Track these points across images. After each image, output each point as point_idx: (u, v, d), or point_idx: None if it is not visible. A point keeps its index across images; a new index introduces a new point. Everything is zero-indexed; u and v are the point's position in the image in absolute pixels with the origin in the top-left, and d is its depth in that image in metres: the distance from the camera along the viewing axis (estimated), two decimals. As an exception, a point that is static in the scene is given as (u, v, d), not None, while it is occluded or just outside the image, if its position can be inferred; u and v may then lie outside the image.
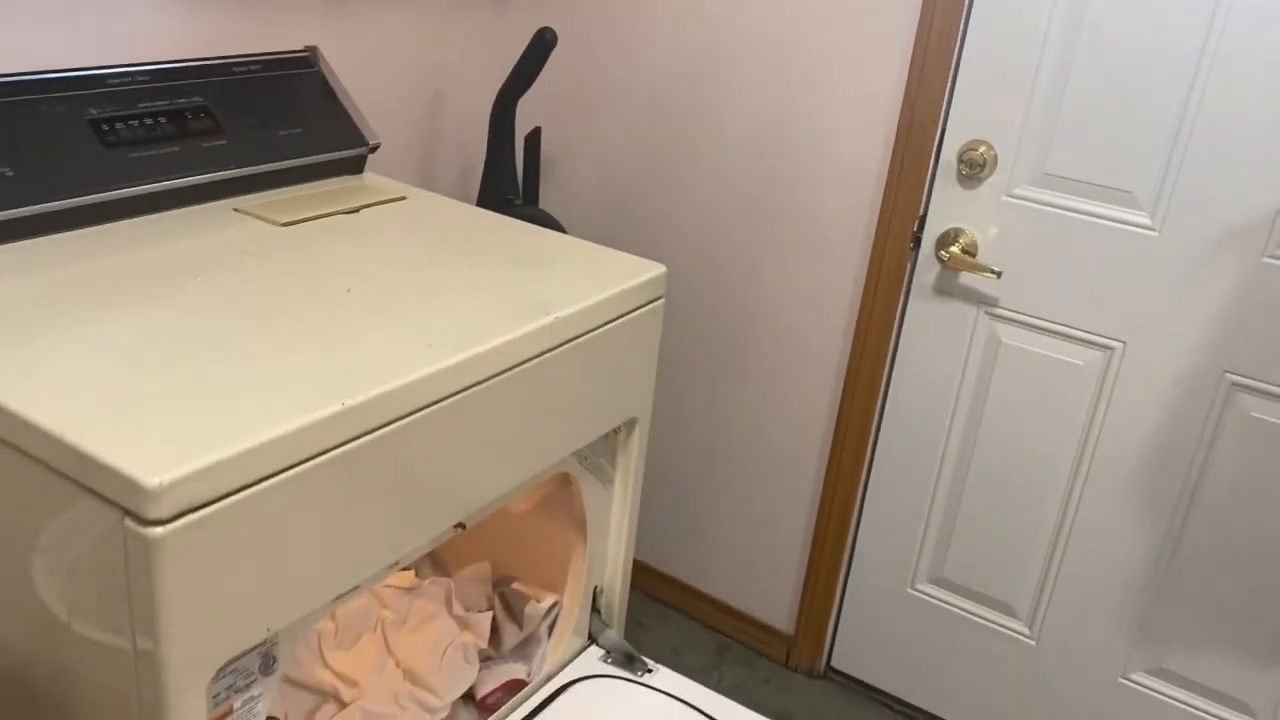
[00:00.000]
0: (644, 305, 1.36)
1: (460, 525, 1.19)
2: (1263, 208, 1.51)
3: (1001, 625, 1.92)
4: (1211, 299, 1.58)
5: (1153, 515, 1.72)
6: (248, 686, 0.98)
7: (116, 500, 0.83)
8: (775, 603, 2.18)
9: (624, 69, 2.03)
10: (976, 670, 1.97)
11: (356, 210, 1.46)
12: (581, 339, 1.25)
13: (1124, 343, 1.67)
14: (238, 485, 0.87)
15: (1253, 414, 1.60)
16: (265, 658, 0.99)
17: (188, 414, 0.90)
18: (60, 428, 0.86)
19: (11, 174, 1.18)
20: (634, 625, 2.26)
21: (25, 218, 1.19)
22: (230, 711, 0.98)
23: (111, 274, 1.15)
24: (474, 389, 1.10)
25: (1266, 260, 1.53)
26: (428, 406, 1.05)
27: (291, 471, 0.92)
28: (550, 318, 1.19)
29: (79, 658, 0.94)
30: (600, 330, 1.28)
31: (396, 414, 1.01)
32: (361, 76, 1.85)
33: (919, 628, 2.02)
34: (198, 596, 0.87)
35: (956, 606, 1.96)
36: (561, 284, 1.28)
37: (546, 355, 1.20)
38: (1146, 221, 1.61)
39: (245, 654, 0.96)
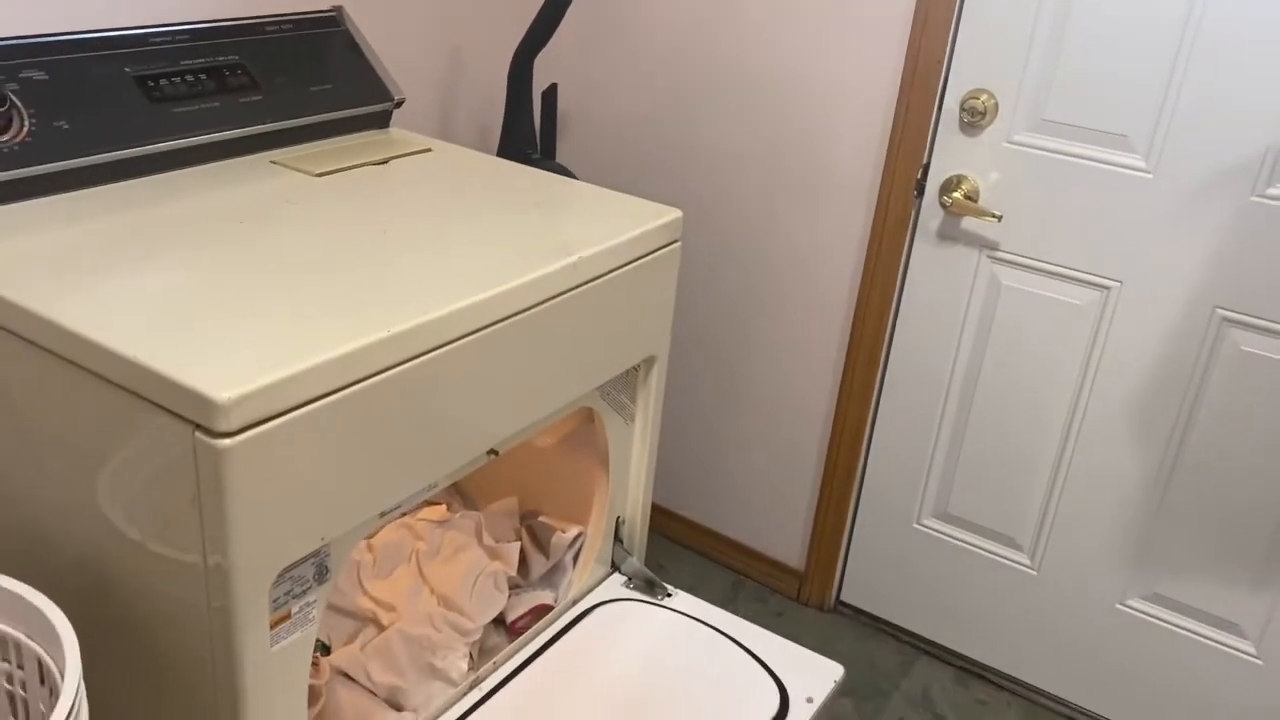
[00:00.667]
0: (661, 247, 1.44)
1: (493, 452, 1.27)
2: (1250, 149, 1.58)
3: (1004, 557, 2.01)
4: (1203, 238, 1.65)
5: (1148, 447, 1.80)
6: (304, 593, 1.07)
7: (189, 416, 0.91)
8: (787, 540, 2.27)
9: (638, 23, 2.09)
10: (980, 601, 2.06)
11: (386, 161, 1.53)
12: (603, 278, 1.33)
13: (1120, 282, 1.75)
14: (296, 403, 0.95)
15: (1242, 347, 1.67)
16: (319, 567, 1.08)
17: (250, 339, 0.98)
18: (136, 352, 0.94)
19: (67, 127, 1.26)
20: (653, 566, 2.35)
21: (82, 168, 1.27)
22: (289, 615, 1.07)
23: (165, 219, 1.23)
24: (506, 322, 1.18)
25: (1255, 199, 1.60)
26: (465, 337, 1.13)
27: (343, 392, 1.00)
28: (575, 257, 1.27)
29: (154, 571, 1.03)
30: (620, 270, 1.36)
31: (437, 343, 1.09)
32: (385, 34, 1.91)
33: (925, 561, 2.10)
34: (261, 505, 0.95)
35: (961, 540, 2.05)
36: (584, 227, 1.36)
37: (571, 293, 1.28)
38: (1141, 164, 1.67)
39: (302, 562, 1.05)
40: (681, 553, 2.41)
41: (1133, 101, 1.65)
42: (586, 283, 1.30)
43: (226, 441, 0.91)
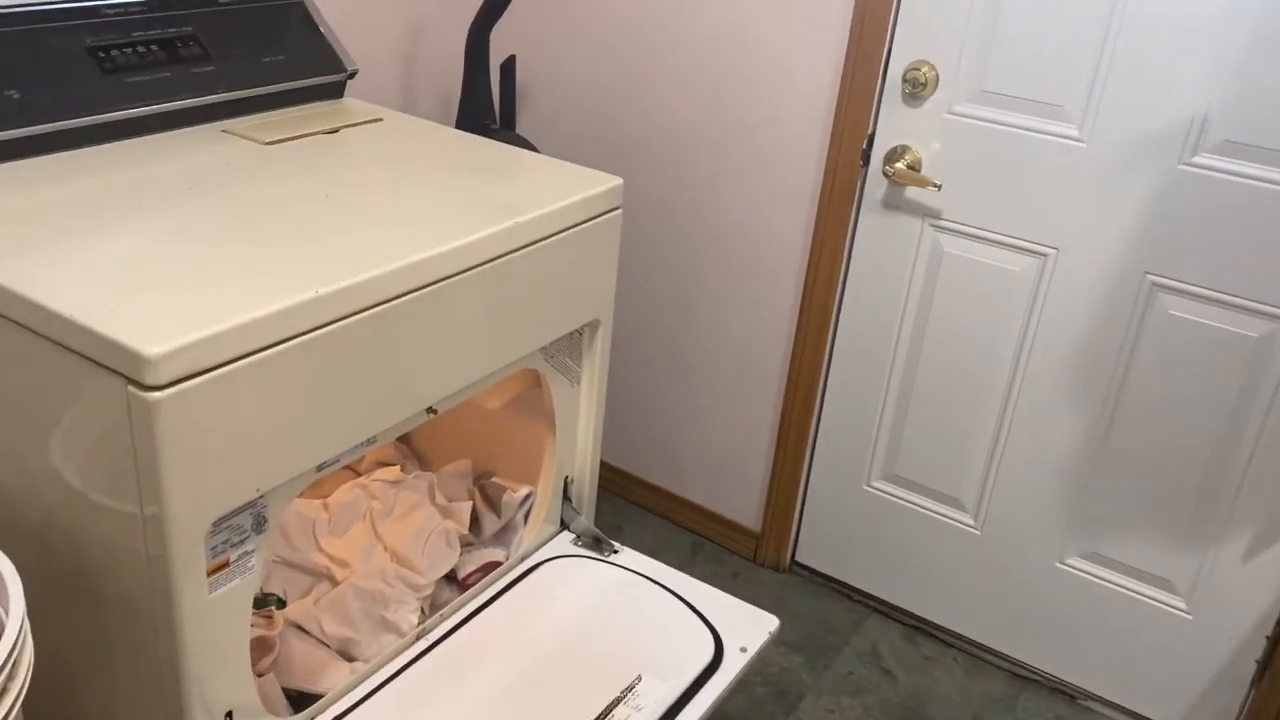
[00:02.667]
0: (602, 214, 1.48)
1: (432, 410, 1.33)
2: (1177, 118, 1.62)
3: (949, 517, 2.07)
4: (1134, 205, 1.70)
5: (1084, 410, 1.86)
6: (242, 542, 1.13)
7: (121, 370, 0.96)
8: (744, 503, 2.33)
9: (583, 3, 2.13)
10: (927, 560, 2.12)
11: (336, 130, 1.57)
12: (542, 243, 1.38)
13: (1056, 249, 1.80)
14: (225, 359, 1.00)
15: (1171, 311, 1.72)
16: (256, 517, 1.14)
17: (182, 298, 1.03)
18: (72, 311, 0.99)
19: (18, 96, 1.30)
20: (613, 529, 2.41)
21: (31, 137, 1.31)
22: (227, 564, 1.12)
23: (112, 186, 1.28)
24: (440, 284, 1.23)
25: (1182, 167, 1.65)
26: (399, 297, 1.18)
27: (274, 349, 1.05)
28: (512, 221, 1.32)
29: (97, 521, 1.08)
30: (560, 235, 1.41)
31: (368, 303, 1.14)
32: (343, 7, 1.95)
33: (875, 522, 2.16)
34: (193, 455, 1.00)
35: (908, 501, 2.11)
36: (524, 193, 1.40)
37: (509, 256, 1.33)
38: (1074, 134, 1.72)
39: (238, 512, 1.10)
40: (644, 516, 2.47)
41: (1066, 72, 1.69)
42: (525, 246, 1.35)
43: (156, 394, 0.96)
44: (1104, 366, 1.81)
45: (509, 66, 2.08)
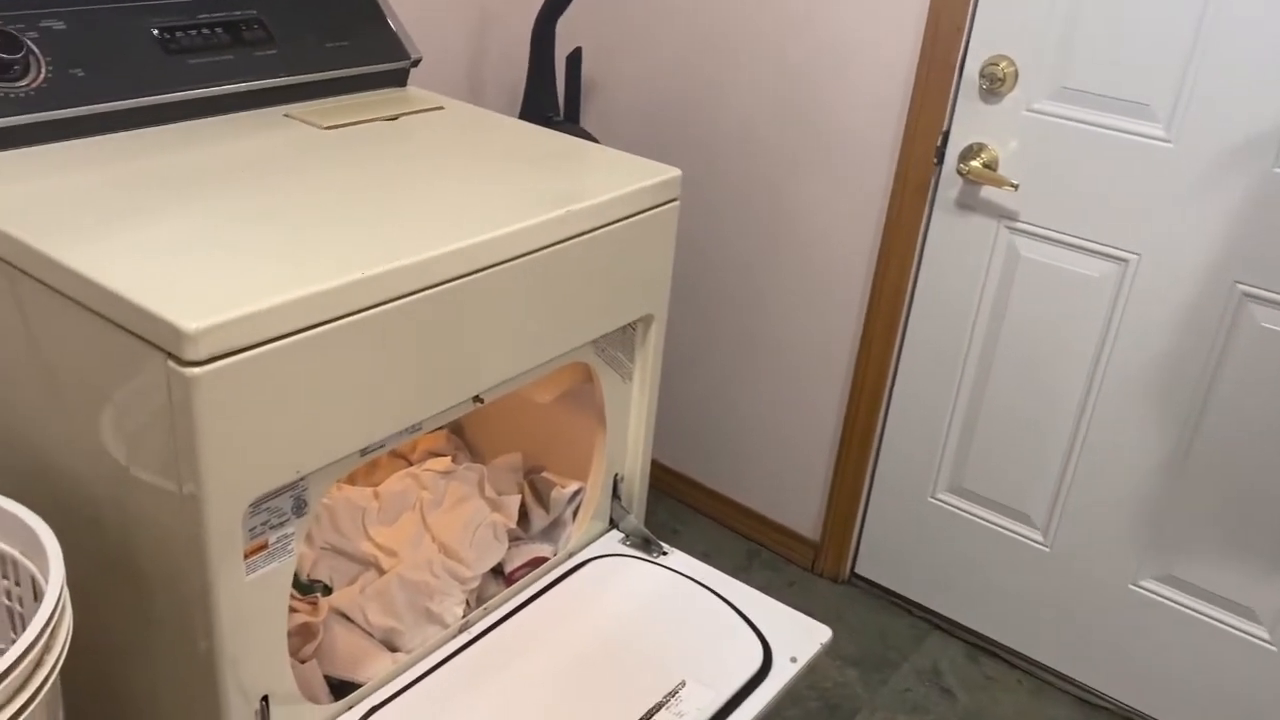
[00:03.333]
0: (658, 206, 1.45)
1: (478, 399, 1.30)
2: (1273, 119, 1.53)
3: (1017, 533, 1.99)
4: (1223, 211, 1.61)
5: (1164, 425, 1.77)
6: (281, 524, 1.11)
7: (162, 345, 0.95)
8: (803, 511, 2.27)
9: (663, -10, 2.10)
10: (993, 577, 2.04)
11: (395, 117, 1.56)
12: (594, 233, 1.34)
13: (1138, 255, 1.71)
14: (267, 337, 0.99)
15: (1262, 324, 1.63)
16: (297, 500, 1.12)
17: (227, 276, 1.02)
18: (117, 285, 0.99)
19: (82, 75, 1.31)
20: (669, 532, 2.37)
21: (94, 115, 1.32)
22: (266, 545, 1.11)
23: (170, 167, 1.28)
24: (488, 271, 1.21)
25: (1277, 171, 1.55)
26: (443, 283, 1.15)
27: (316, 330, 1.03)
28: (563, 210, 1.29)
29: (139, 497, 1.07)
30: (614, 226, 1.37)
31: (412, 287, 1.12)
32: (410, -3, 1.95)
33: (939, 536, 2.09)
34: (231, 433, 0.99)
35: (975, 515, 2.03)
36: (579, 183, 1.37)
37: (560, 246, 1.30)
38: (1161, 134, 1.64)
39: (278, 494, 1.09)
40: (700, 520, 2.42)
41: (1154, 69, 1.61)
42: (577, 236, 1.32)
43: (195, 370, 0.95)
44: (1187, 379, 1.72)
45: (575, 59, 2.06)
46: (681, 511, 2.44)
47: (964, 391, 1.97)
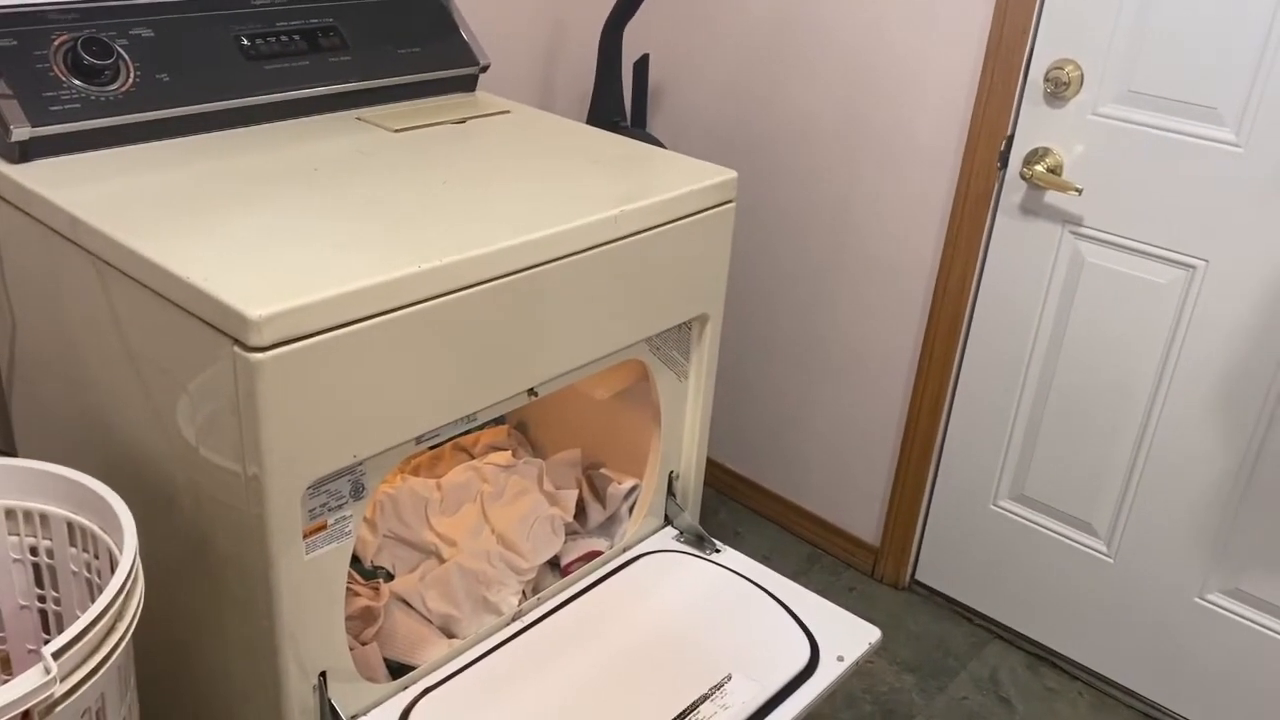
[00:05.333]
0: (713, 207, 1.47)
1: (532, 392, 1.34)
2: (1350, 121, 1.50)
3: (1080, 543, 1.96)
4: (1295, 216, 1.58)
5: (1232, 435, 1.73)
6: (340, 506, 1.17)
7: (229, 331, 1.01)
8: (863, 516, 2.26)
9: (724, 3, 2.13)
10: (1055, 586, 2.01)
11: (463, 121, 1.62)
12: (649, 232, 1.38)
13: (1206, 261, 1.68)
14: (328, 325, 1.04)
15: (1335, 333, 1.59)
16: (355, 484, 1.17)
17: (293, 268, 1.08)
18: (190, 275, 1.05)
19: (168, 79, 1.39)
20: (730, 534, 2.39)
21: (177, 117, 1.40)
22: (325, 526, 1.16)
23: (247, 166, 1.35)
24: (544, 267, 1.25)
25: (1353, 175, 1.52)
26: (499, 278, 1.20)
27: (375, 320, 1.09)
28: (617, 210, 1.32)
29: (207, 477, 1.14)
30: (669, 226, 1.41)
31: (469, 281, 1.17)
32: (485, 2, 2.00)
33: (1000, 543, 2.07)
34: (292, 416, 1.05)
35: (1036, 523, 2.01)
36: (636, 183, 1.41)
37: (615, 244, 1.33)
38: (1231, 138, 1.61)
39: (336, 476, 1.14)
40: (761, 523, 2.43)
41: (1223, 73, 1.58)
42: (632, 235, 1.35)
43: (260, 355, 1.00)
44: (1256, 388, 1.68)
45: (642, 65, 2.10)
46: (743, 514, 2.46)
47: (1026, 398, 1.95)
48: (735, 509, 2.47)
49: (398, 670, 1.43)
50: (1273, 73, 1.54)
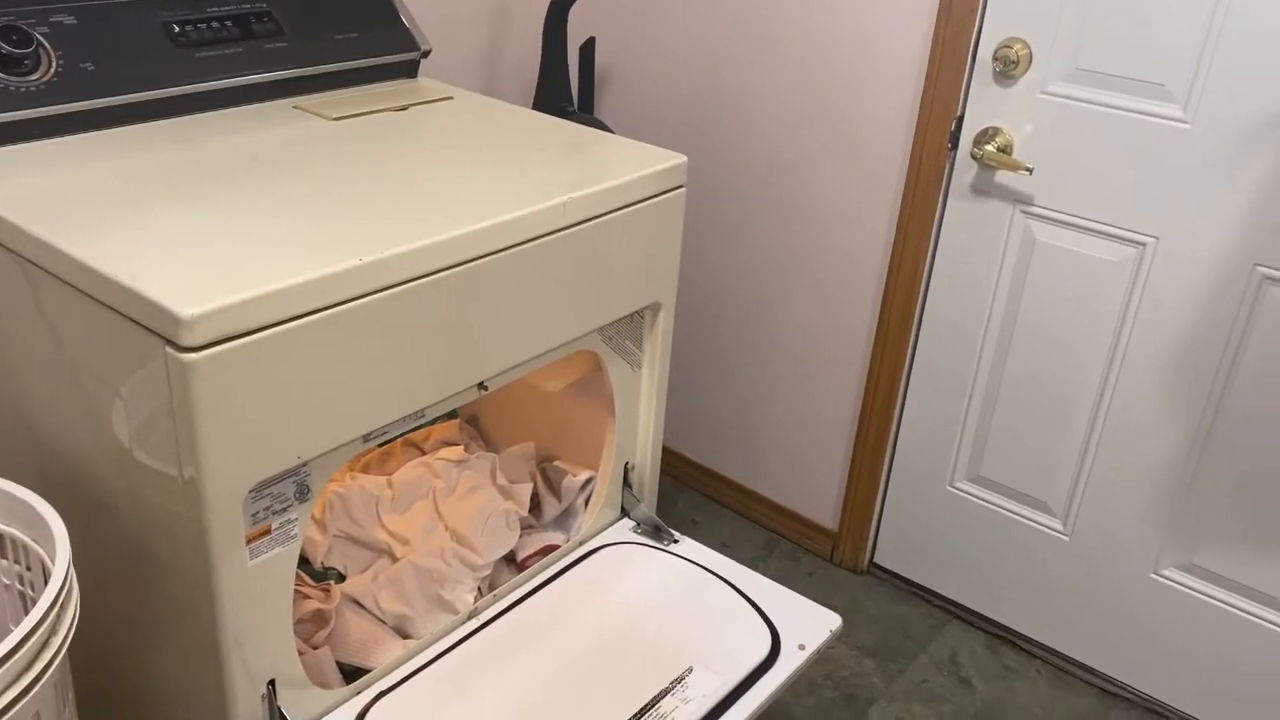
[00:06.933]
0: (663, 193, 1.45)
1: (483, 386, 1.31)
2: (1294, 96, 1.50)
3: (1036, 522, 1.97)
4: (1243, 191, 1.58)
5: (1184, 411, 1.74)
6: (284, 510, 1.13)
7: (160, 331, 0.97)
8: (821, 501, 2.26)
9: (676, -21, 2.09)
10: (1012, 566, 2.02)
11: (405, 108, 1.57)
12: (598, 220, 1.35)
13: (1156, 238, 1.68)
14: (264, 323, 1.00)
15: (1282, 307, 1.60)
16: (299, 486, 1.13)
17: (226, 264, 1.03)
18: (118, 273, 1.00)
19: (92, 69, 1.33)
20: (688, 522, 2.37)
21: (103, 109, 1.34)
22: (269, 530, 1.12)
23: (178, 159, 1.29)
24: (489, 258, 1.21)
25: (1298, 150, 1.52)
26: (445, 269, 1.16)
27: (316, 316, 1.05)
28: (564, 197, 1.29)
29: (142, 482, 1.09)
30: (618, 213, 1.38)
31: (413, 274, 1.13)
32: (423, -11, 1.96)
33: (957, 525, 2.07)
34: (230, 418, 1.00)
35: (993, 504, 2.01)
36: (583, 171, 1.38)
37: (563, 233, 1.30)
38: (1178, 114, 1.61)
39: (279, 479, 1.10)
40: (719, 510, 2.42)
41: (1170, 48, 1.58)
42: (580, 223, 1.32)
43: (193, 356, 0.96)
44: (1207, 363, 1.69)
45: (588, 48, 2.06)
46: (701, 502, 2.44)
47: (981, 379, 1.95)
48: (692, 497, 2.45)
49: (351, 674, 1.39)
50: (1219, 48, 1.54)
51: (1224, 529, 1.76)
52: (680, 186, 1.47)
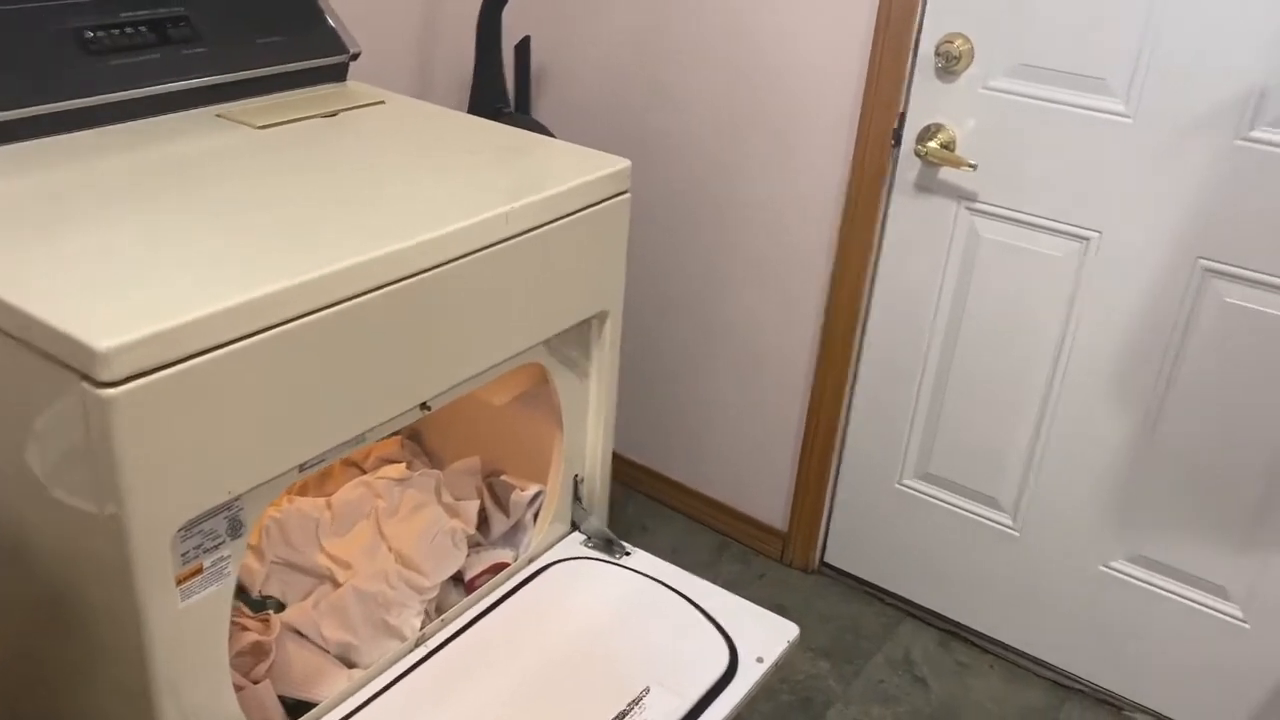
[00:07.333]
0: (607, 199, 1.40)
1: (425, 406, 1.25)
2: (1233, 90, 1.51)
3: (986, 518, 1.97)
4: (1185, 185, 1.58)
5: (1130, 404, 1.74)
6: (216, 547, 1.06)
7: (75, 365, 0.90)
8: (770, 501, 2.24)
9: (611, -25, 2.05)
10: (963, 562, 2.02)
11: (334, 114, 1.51)
12: (541, 229, 1.30)
13: (1099, 232, 1.68)
14: (187, 354, 0.94)
15: (1226, 299, 1.60)
16: (232, 521, 1.07)
17: (145, 291, 0.96)
18: (26, 303, 0.93)
19: (-5, 80, 1.25)
20: (637, 528, 2.34)
21: (9, 121, 1.25)
22: (200, 570, 1.06)
23: (92, 174, 1.22)
24: (428, 274, 1.16)
25: (1239, 143, 1.53)
26: (378, 289, 1.11)
27: (245, 342, 0.98)
28: (507, 208, 1.24)
29: (63, 523, 1.02)
30: (561, 222, 1.33)
31: (347, 294, 1.07)
32: (349, -12, 1.89)
33: (907, 522, 2.06)
34: (154, 455, 0.94)
35: (943, 500, 2.01)
36: (524, 178, 1.33)
37: (505, 244, 1.25)
38: (1120, 108, 1.61)
39: (210, 515, 1.04)
40: (668, 514, 2.39)
41: (1110, 43, 1.58)
42: (522, 234, 1.27)
43: (111, 391, 0.89)
44: (1152, 356, 1.70)
45: (523, 47, 2.01)
46: (650, 507, 2.41)
47: (928, 376, 1.94)
48: (641, 502, 2.42)
49: (295, 708, 1.33)
50: (1159, 42, 1.54)
51: (1171, 520, 1.77)
52: (625, 192, 1.42)
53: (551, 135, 1.98)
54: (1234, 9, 1.47)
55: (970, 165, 1.71)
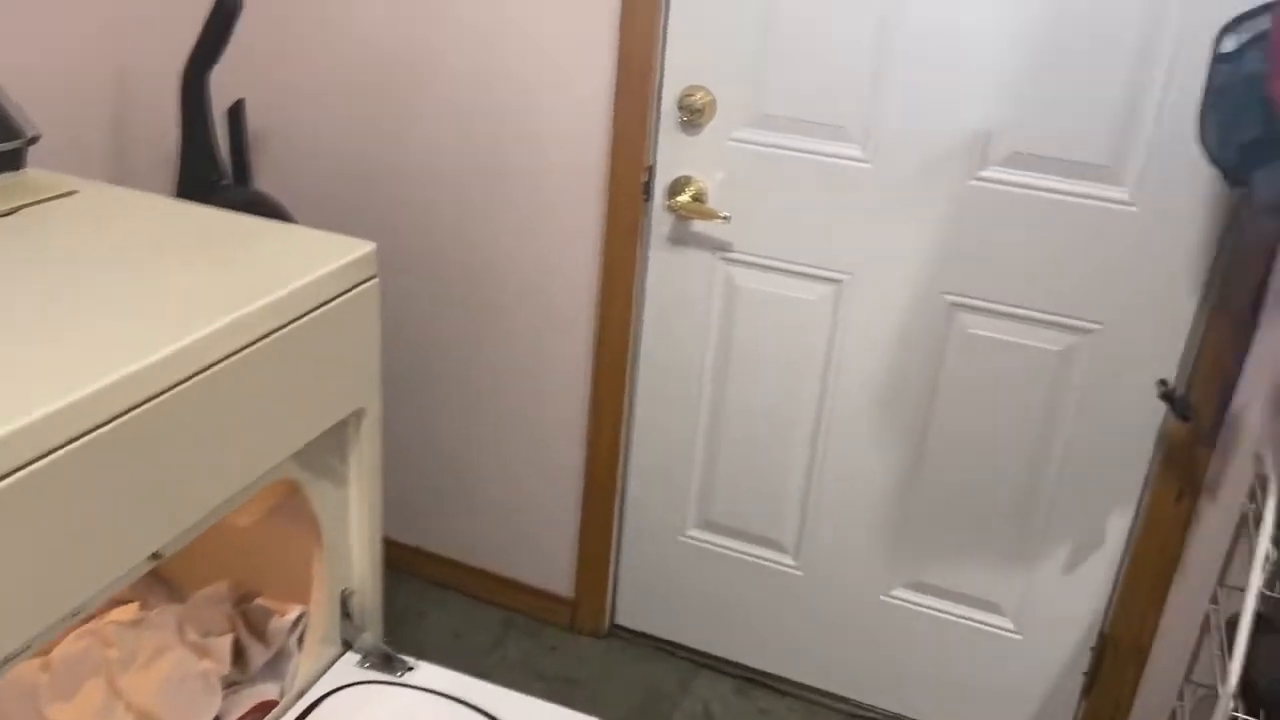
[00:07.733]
0: (353, 288, 1.27)
1: (156, 555, 1.07)
2: (963, 132, 1.56)
3: (770, 560, 1.96)
4: (925, 224, 1.63)
5: (893, 438, 1.78)
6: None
7: None
8: (554, 570, 2.14)
9: (336, 25, 1.90)
10: (752, 608, 2.01)
11: (12, 211, 1.29)
12: (274, 335, 1.15)
13: (850, 275, 1.71)
14: None
15: (970, 330, 1.67)
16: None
17: None
18: None
19: None
20: (414, 615, 2.18)
21: None
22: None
23: None
24: (143, 408, 0.98)
25: (972, 183, 1.59)
26: (82, 436, 0.93)
27: (-97, 535, 0.79)
28: (233, 316, 1.08)
29: None
30: (298, 323, 1.18)
31: (37, 451, 0.89)
32: (25, 61, 1.64)
33: (694, 574, 2.03)
34: None
35: (726, 548, 1.99)
36: (252, 274, 1.17)
37: (235, 357, 1.09)
38: (858, 154, 1.64)
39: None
40: (445, 595, 2.24)
41: (843, 92, 1.61)
42: (254, 343, 1.12)
43: None
44: (909, 391, 1.74)
45: (236, 112, 1.82)
46: (424, 590, 2.25)
47: (702, 426, 1.92)
48: (415, 586, 2.26)
49: None
50: (890, 89, 1.58)
51: (943, 545, 1.82)
52: (372, 277, 1.29)
53: (278, 204, 1.81)
54: (955, 56, 1.53)
55: (723, 217, 1.70)
